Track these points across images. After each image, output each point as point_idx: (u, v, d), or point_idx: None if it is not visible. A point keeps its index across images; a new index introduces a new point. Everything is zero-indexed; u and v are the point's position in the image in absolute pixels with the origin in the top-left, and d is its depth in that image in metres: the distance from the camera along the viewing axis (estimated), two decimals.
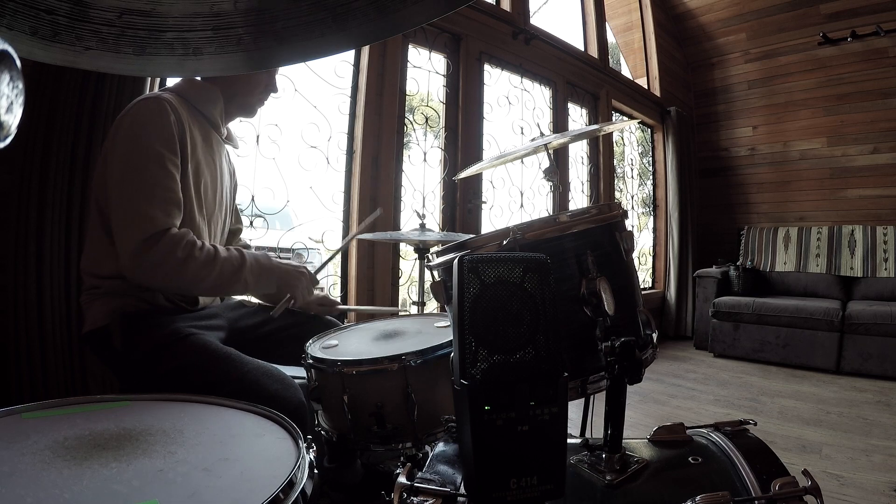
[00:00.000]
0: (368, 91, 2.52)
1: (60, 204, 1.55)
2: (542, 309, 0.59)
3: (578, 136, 2.01)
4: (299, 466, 0.59)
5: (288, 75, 2.27)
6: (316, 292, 1.49)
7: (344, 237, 2.55)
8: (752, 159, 4.92)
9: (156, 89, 1.74)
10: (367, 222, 1.65)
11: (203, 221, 1.26)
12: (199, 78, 1.30)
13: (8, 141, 0.28)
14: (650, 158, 4.98)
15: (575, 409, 0.95)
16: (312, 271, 1.39)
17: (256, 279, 1.20)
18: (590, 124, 4.05)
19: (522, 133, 3.41)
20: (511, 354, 0.57)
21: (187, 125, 1.18)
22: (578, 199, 3.96)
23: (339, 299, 1.59)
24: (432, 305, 2.38)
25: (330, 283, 3.03)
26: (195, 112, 1.25)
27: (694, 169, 5.00)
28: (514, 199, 3.36)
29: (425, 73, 2.87)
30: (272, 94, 1.40)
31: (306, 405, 1.10)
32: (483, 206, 3.08)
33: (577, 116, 4.03)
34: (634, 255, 0.97)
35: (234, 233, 1.53)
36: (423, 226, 1.87)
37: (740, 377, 3.38)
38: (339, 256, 2.59)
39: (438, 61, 2.95)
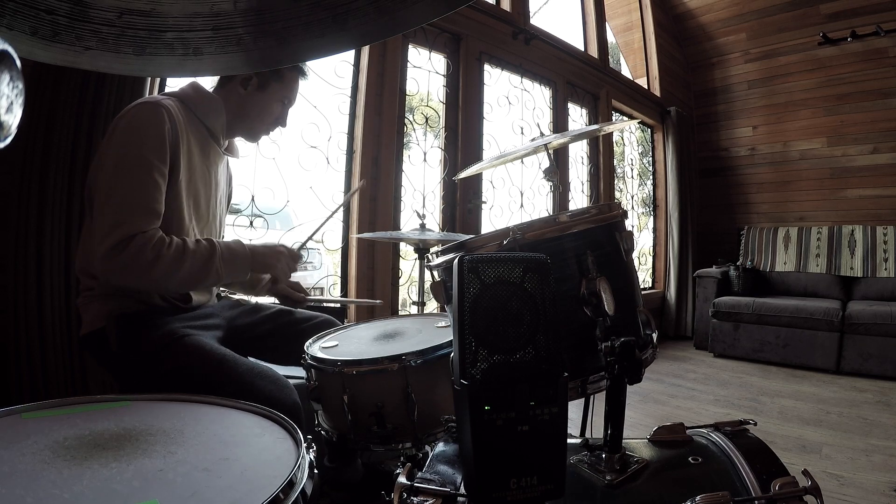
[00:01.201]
0: (368, 91, 2.52)
1: (60, 204, 1.55)
2: (542, 309, 0.59)
3: (578, 136, 2.01)
4: (299, 466, 0.59)
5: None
6: (298, 275, 1.47)
7: (344, 237, 2.55)
8: (752, 159, 4.92)
9: (156, 90, 1.74)
10: (351, 194, 1.62)
11: (196, 231, 1.26)
12: (210, 89, 1.30)
13: (8, 141, 0.28)
14: (650, 158, 4.98)
15: (575, 409, 0.95)
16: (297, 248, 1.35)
17: (229, 267, 1.16)
18: (590, 124, 4.05)
19: (522, 133, 3.41)
20: (511, 354, 0.57)
21: (184, 134, 1.17)
22: (578, 199, 3.96)
23: (311, 293, 1.56)
24: (432, 305, 2.38)
25: (330, 283, 3.03)
26: (195, 121, 1.24)
27: (694, 169, 5.00)
28: (514, 199, 3.36)
29: (425, 73, 2.87)
30: (279, 127, 1.40)
31: (300, 406, 1.10)
32: (483, 206, 3.08)
33: (577, 116, 4.03)
34: (634, 255, 0.97)
35: None
36: (423, 226, 1.87)
37: (740, 377, 3.38)
38: (339, 256, 2.59)
39: (438, 61, 2.95)
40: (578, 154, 4.00)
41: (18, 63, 0.28)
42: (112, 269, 1.05)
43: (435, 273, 0.82)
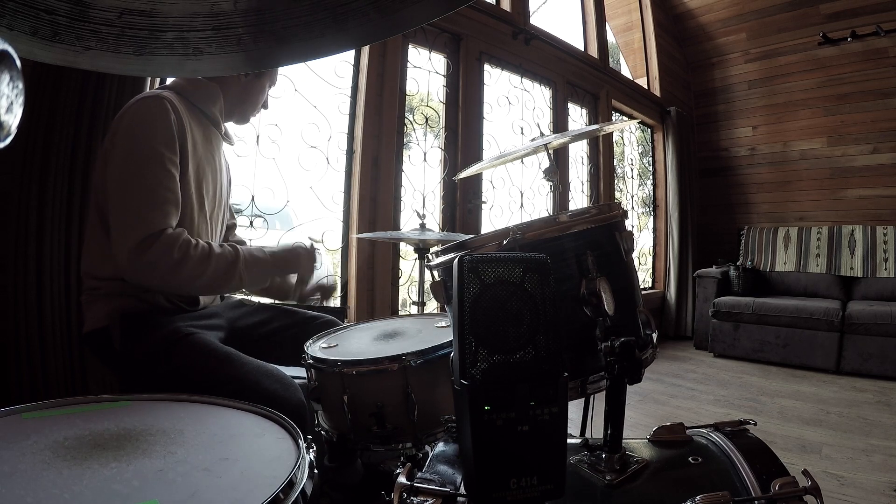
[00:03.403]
0: (368, 91, 2.52)
1: (60, 204, 1.55)
2: (542, 309, 0.59)
3: (578, 136, 2.01)
4: (299, 466, 0.59)
5: (288, 75, 2.27)
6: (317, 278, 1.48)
7: (344, 237, 2.55)
8: (752, 159, 4.92)
9: (156, 86, 1.74)
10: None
11: (205, 219, 1.26)
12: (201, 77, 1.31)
13: (8, 141, 0.28)
14: (650, 158, 4.98)
15: (575, 409, 0.95)
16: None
17: (251, 274, 1.18)
18: (590, 124, 4.05)
19: (522, 133, 3.41)
20: (511, 354, 0.57)
21: (187, 124, 1.18)
22: (578, 199, 3.96)
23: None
24: (432, 305, 2.38)
25: (330, 283, 3.01)
26: (195, 110, 1.25)
27: (694, 169, 5.00)
28: (514, 199, 3.36)
29: (425, 73, 2.87)
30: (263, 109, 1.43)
31: (306, 405, 1.10)
32: (483, 206, 3.08)
33: (577, 116, 4.03)
34: (634, 255, 0.97)
35: (230, 228, 1.54)
36: (423, 226, 1.87)
37: (740, 377, 3.38)
38: (339, 256, 2.59)
39: (438, 61, 2.95)
40: (578, 154, 4.00)
41: (18, 63, 0.28)
42: (139, 268, 1.04)
43: (435, 273, 0.82)
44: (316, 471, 0.65)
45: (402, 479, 0.62)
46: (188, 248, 1.08)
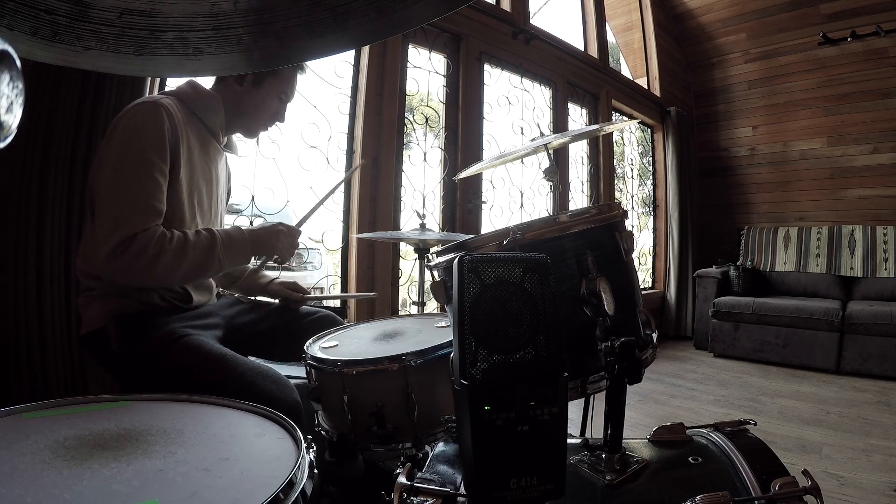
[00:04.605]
0: (368, 91, 2.52)
1: (60, 204, 1.55)
2: (542, 309, 0.59)
3: (578, 136, 2.01)
4: (299, 466, 0.59)
5: None
6: (298, 275, 1.46)
7: (344, 237, 2.55)
8: (752, 159, 4.92)
9: (156, 90, 1.74)
10: (352, 171, 1.61)
11: (199, 227, 1.26)
12: (208, 87, 1.30)
13: (8, 141, 0.28)
14: (650, 158, 4.98)
15: (575, 409, 0.95)
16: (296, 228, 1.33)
17: (230, 254, 1.17)
18: (590, 124, 4.05)
19: (522, 133, 3.41)
20: (511, 354, 0.57)
21: (184, 132, 1.18)
22: (578, 199, 3.96)
23: (311, 291, 1.56)
24: (432, 305, 2.38)
25: (330, 283, 3.03)
26: (194, 118, 1.24)
27: (694, 169, 5.00)
28: (514, 199, 3.36)
29: (425, 73, 2.87)
30: (278, 123, 1.40)
31: (301, 405, 1.10)
32: (483, 206, 3.08)
33: (577, 116, 4.03)
34: (634, 255, 0.97)
35: None
36: (423, 226, 1.87)
37: (740, 377, 3.38)
38: (339, 256, 2.59)
39: (438, 61, 2.95)
40: (578, 154, 4.00)
41: (18, 63, 0.28)
42: (116, 270, 1.05)
43: (435, 273, 0.82)
44: (316, 471, 0.65)
45: (402, 479, 0.62)
46: (164, 242, 1.08)
